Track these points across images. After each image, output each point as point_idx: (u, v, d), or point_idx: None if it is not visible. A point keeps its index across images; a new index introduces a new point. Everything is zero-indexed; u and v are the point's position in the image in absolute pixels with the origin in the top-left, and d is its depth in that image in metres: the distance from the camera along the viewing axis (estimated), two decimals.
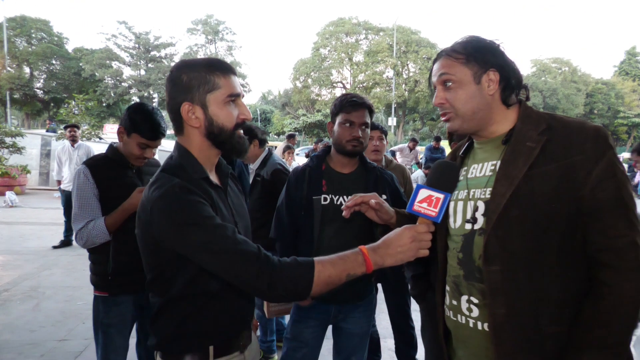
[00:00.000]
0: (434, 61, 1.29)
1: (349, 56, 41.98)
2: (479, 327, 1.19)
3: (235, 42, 47.00)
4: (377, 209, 1.44)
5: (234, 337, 1.30)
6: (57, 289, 4.67)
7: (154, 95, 38.95)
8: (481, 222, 1.19)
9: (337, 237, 1.96)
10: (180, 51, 42.28)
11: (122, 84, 38.30)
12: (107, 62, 37.24)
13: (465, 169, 1.32)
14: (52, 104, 36.79)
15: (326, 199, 1.98)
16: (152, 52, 39.82)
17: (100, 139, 14.11)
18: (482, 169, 1.25)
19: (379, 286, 3.20)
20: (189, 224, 1.09)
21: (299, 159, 12.64)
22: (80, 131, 6.88)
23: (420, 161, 11.65)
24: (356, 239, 1.93)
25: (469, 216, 1.23)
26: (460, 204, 1.27)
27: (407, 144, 11.08)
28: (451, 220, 1.29)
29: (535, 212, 1.09)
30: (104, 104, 36.91)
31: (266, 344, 3.31)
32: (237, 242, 1.11)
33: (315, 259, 1.14)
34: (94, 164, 2.06)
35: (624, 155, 19.93)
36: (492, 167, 1.22)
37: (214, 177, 1.31)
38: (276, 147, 10.42)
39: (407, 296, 3.10)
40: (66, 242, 6.47)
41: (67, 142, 6.73)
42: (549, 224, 1.08)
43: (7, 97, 30.16)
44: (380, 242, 1.19)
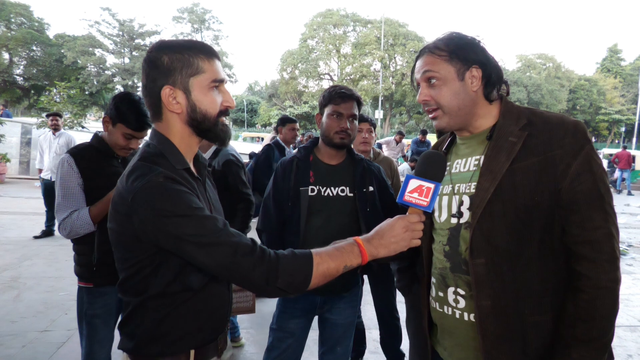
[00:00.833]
0: (417, 58, 1.30)
1: (336, 48, 41.80)
2: (465, 318, 1.22)
3: (221, 31, 46.51)
4: None
5: (213, 340, 1.24)
6: (39, 280, 4.60)
7: (139, 84, 38.19)
8: (467, 216, 1.21)
9: (323, 228, 1.98)
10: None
11: (106, 72, 37.46)
12: (90, 49, 36.34)
13: (448, 164, 1.34)
14: (32, 92, 35.86)
15: (313, 190, 1.99)
16: (137, 40, 38.98)
17: (82, 127, 13.85)
18: (466, 164, 1.28)
19: (365, 278, 3.23)
20: (176, 216, 1.02)
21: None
22: (62, 120, 6.74)
23: (406, 154, 11.72)
24: (342, 230, 1.96)
25: (454, 210, 1.25)
26: (445, 199, 1.29)
27: (393, 137, 11.13)
28: (436, 214, 1.32)
29: (517, 206, 1.12)
30: (87, 92, 36.10)
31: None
32: (230, 235, 1.06)
33: (312, 251, 1.11)
34: (78, 153, 2.03)
35: (605, 151, 20.34)
36: (476, 162, 1.24)
37: (193, 169, 1.25)
38: (263, 138, 10.35)
39: (392, 288, 3.14)
40: (47, 232, 6.37)
41: (48, 131, 6.59)
42: (531, 217, 1.12)
43: None
44: (373, 232, 1.17)
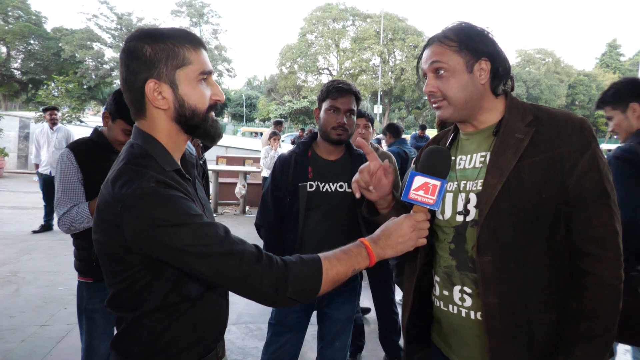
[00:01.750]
0: (425, 47, 1.26)
1: (335, 42, 41.67)
2: (472, 316, 1.21)
3: (220, 25, 46.12)
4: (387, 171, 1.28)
5: (213, 349, 1.17)
6: (38, 274, 4.60)
7: None
8: (473, 213, 1.19)
9: (322, 223, 1.98)
10: None
11: (104, 65, 37.25)
12: (88, 43, 36.12)
13: (452, 159, 1.31)
14: (30, 85, 35.71)
15: (312, 186, 1.99)
16: None
17: (81, 122, 13.80)
18: (471, 161, 1.26)
19: (364, 272, 3.25)
20: (173, 225, 0.93)
21: (285, 146, 12.58)
22: (60, 114, 6.72)
23: None
24: (341, 226, 1.97)
25: (460, 208, 1.23)
26: (450, 196, 1.27)
27: None
28: (439, 211, 1.29)
29: (525, 203, 1.11)
30: (85, 86, 35.91)
31: None
32: (233, 242, 0.97)
33: (320, 255, 1.04)
34: (77, 148, 2.02)
35: (603, 146, 20.39)
36: (482, 159, 1.22)
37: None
38: (262, 133, 10.34)
39: (391, 283, 3.15)
40: (46, 227, 6.35)
41: (46, 125, 6.57)
42: (538, 213, 1.11)
43: None
44: (379, 232, 1.13)
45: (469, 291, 1.22)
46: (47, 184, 6.16)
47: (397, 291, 3.31)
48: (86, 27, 36.70)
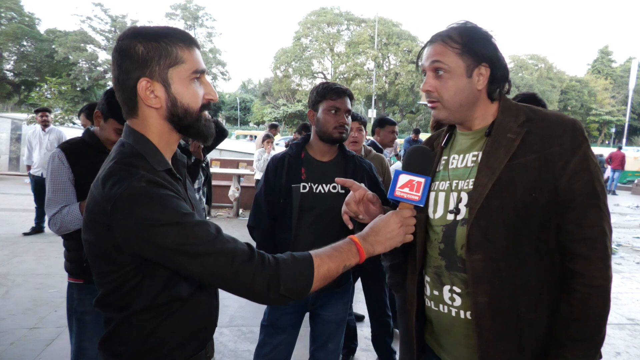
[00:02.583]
0: (428, 43, 1.25)
1: (330, 46, 41.80)
2: (462, 315, 1.22)
3: (215, 28, 46.18)
4: (372, 202, 1.32)
5: (202, 349, 1.16)
6: (28, 277, 4.55)
7: None
8: (464, 212, 1.20)
9: (315, 224, 1.98)
10: None
11: (98, 68, 37.11)
12: (82, 45, 35.97)
13: (445, 158, 1.33)
14: (22, 87, 35.47)
15: (305, 187, 1.99)
16: None
17: (74, 124, 13.72)
18: (463, 160, 1.27)
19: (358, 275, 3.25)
20: (164, 224, 0.92)
21: (279, 149, 12.57)
22: (52, 115, 6.67)
23: (399, 153, 11.75)
24: (334, 227, 1.97)
25: (451, 207, 1.24)
26: (441, 195, 1.28)
27: None
28: (431, 210, 1.30)
29: (515, 202, 1.12)
30: (78, 89, 35.74)
31: None
32: (224, 241, 0.97)
33: (311, 252, 1.06)
34: (69, 148, 2.01)
35: (594, 150, 20.56)
36: (474, 159, 1.23)
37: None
38: (256, 136, 10.34)
39: (384, 285, 3.15)
40: (37, 229, 6.30)
41: (37, 127, 6.53)
42: (528, 213, 1.12)
43: None
44: (368, 229, 1.15)
45: (458, 291, 1.22)
46: (39, 186, 6.12)
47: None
48: (80, 29, 36.57)
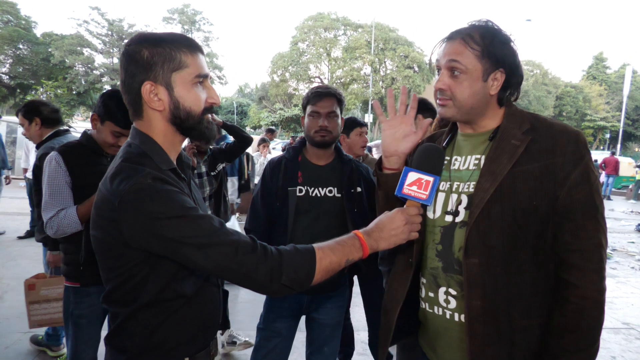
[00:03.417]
0: (446, 39, 1.22)
1: (327, 51, 41.92)
2: (456, 318, 1.22)
3: (212, 33, 46.28)
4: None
5: (206, 347, 1.20)
6: (22, 280, 4.50)
7: None
8: (463, 215, 1.20)
9: (311, 228, 1.99)
10: None
11: (94, 71, 37.06)
12: (78, 48, 35.92)
13: (447, 159, 1.32)
14: (18, 90, 35.36)
15: (301, 191, 2.00)
16: (126, 40, 38.67)
17: (69, 127, 13.67)
18: (465, 162, 1.27)
19: (355, 279, 3.25)
20: (169, 217, 0.96)
21: (276, 153, 12.57)
22: None
23: None
24: (330, 231, 1.97)
25: (449, 208, 1.24)
26: (441, 195, 1.28)
27: None
28: (429, 210, 1.30)
29: (515, 209, 1.12)
30: (74, 92, 35.68)
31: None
32: (228, 234, 1.01)
33: (314, 245, 1.09)
34: (66, 151, 2.00)
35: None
36: (476, 162, 1.23)
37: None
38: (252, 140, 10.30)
39: (382, 289, 3.15)
40: (32, 233, 6.22)
41: None
42: (527, 221, 1.12)
43: None
44: (373, 225, 1.16)
45: (454, 293, 1.22)
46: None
47: None
48: (76, 33, 36.55)
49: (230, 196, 4.49)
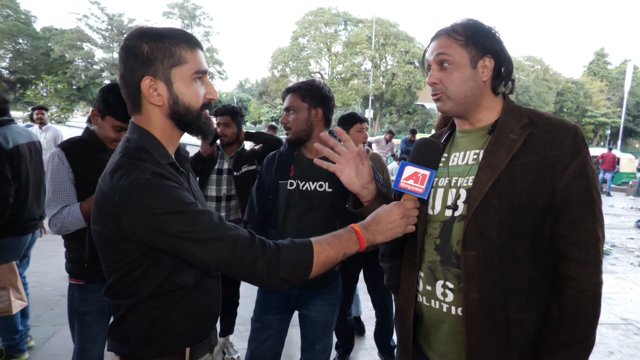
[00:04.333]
0: (432, 39, 1.27)
1: (327, 47, 41.78)
2: (453, 311, 1.23)
3: (212, 27, 46.30)
4: (361, 158, 1.32)
5: (206, 337, 1.22)
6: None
7: None
8: (462, 209, 1.22)
9: (299, 222, 2.00)
10: None
11: (94, 66, 37.00)
12: (78, 43, 35.86)
13: (445, 156, 1.34)
14: (18, 85, 35.34)
15: (292, 184, 2.02)
16: (126, 35, 38.59)
17: (66, 122, 13.69)
18: (464, 157, 1.28)
19: (360, 276, 3.28)
20: (169, 213, 0.98)
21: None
22: (48, 113, 6.66)
23: (395, 153, 11.79)
24: (317, 225, 1.97)
25: (449, 203, 1.25)
26: (440, 191, 1.29)
27: (383, 136, 11.18)
28: (430, 206, 1.31)
29: (513, 202, 1.13)
30: (75, 87, 35.65)
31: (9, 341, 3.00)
32: (227, 228, 1.03)
33: (312, 239, 1.11)
34: (69, 147, 2.00)
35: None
36: (475, 156, 1.24)
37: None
38: None
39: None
40: None
41: (35, 125, 6.51)
42: (525, 214, 1.13)
43: None
44: (370, 219, 1.18)
45: (451, 286, 1.23)
46: None
47: None
48: (76, 27, 36.46)
49: None
